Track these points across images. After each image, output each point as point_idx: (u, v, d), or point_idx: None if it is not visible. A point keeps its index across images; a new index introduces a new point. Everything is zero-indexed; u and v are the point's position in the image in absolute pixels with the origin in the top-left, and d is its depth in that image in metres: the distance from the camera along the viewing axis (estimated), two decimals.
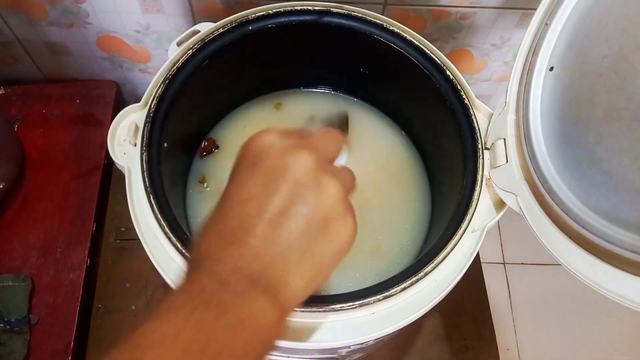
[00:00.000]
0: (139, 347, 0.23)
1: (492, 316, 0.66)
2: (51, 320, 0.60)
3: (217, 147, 0.57)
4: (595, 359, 1.06)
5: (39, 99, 0.73)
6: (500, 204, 0.43)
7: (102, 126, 0.71)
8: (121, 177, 0.43)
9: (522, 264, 1.15)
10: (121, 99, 0.77)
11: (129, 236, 0.66)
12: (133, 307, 0.62)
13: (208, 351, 0.23)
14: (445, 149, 0.51)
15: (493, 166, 0.43)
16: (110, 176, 0.70)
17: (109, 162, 0.43)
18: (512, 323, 1.09)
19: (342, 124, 0.59)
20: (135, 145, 0.44)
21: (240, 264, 0.26)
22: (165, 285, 0.39)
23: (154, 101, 0.44)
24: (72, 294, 0.61)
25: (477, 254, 0.42)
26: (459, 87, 0.47)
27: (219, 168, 0.57)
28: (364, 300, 0.38)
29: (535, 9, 0.39)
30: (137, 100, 0.46)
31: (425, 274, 0.39)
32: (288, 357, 0.45)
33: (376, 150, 0.59)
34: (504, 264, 1.16)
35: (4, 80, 0.76)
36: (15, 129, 0.70)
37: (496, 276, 1.14)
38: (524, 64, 0.41)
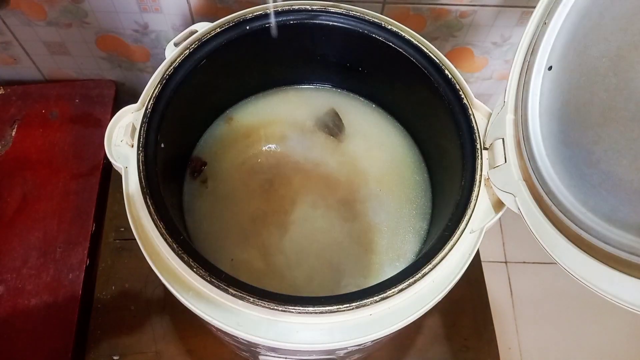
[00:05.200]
0: None
1: (494, 315, 0.65)
2: (51, 320, 0.60)
3: (205, 164, 0.56)
4: (597, 358, 1.06)
5: (38, 99, 0.73)
6: (499, 205, 0.42)
7: (101, 126, 0.71)
8: (120, 176, 0.43)
9: (524, 262, 1.15)
10: (120, 99, 0.77)
11: (128, 236, 0.66)
12: (132, 307, 0.62)
13: None
14: (445, 149, 0.51)
15: (492, 166, 0.43)
16: (109, 176, 0.70)
17: (108, 162, 0.43)
18: (514, 322, 1.09)
19: (336, 122, 0.59)
20: (132, 146, 0.44)
21: None
22: (163, 285, 0.39)
23: (151, 102, 0.44)
24: (71, 294, 0.61)
25: (477, 254, 0.41)
26: (458, 87, 0.46)
27: (217, 168, 0.57)
28: (360, 302, 0.37)
29: (535, 8, 0.39)
30: (137, 99, 0.46)
31: (423, 275, 0.39)
32: (286, 357, 0.45)
33: (376, 149, 0.58)
34: (505, 262, 1.15)
35: (3, 81, 0.76)
36: (15, 129, 0.70)
37: (498, 275, 1.14)
38: (523, 63, 0.40)
